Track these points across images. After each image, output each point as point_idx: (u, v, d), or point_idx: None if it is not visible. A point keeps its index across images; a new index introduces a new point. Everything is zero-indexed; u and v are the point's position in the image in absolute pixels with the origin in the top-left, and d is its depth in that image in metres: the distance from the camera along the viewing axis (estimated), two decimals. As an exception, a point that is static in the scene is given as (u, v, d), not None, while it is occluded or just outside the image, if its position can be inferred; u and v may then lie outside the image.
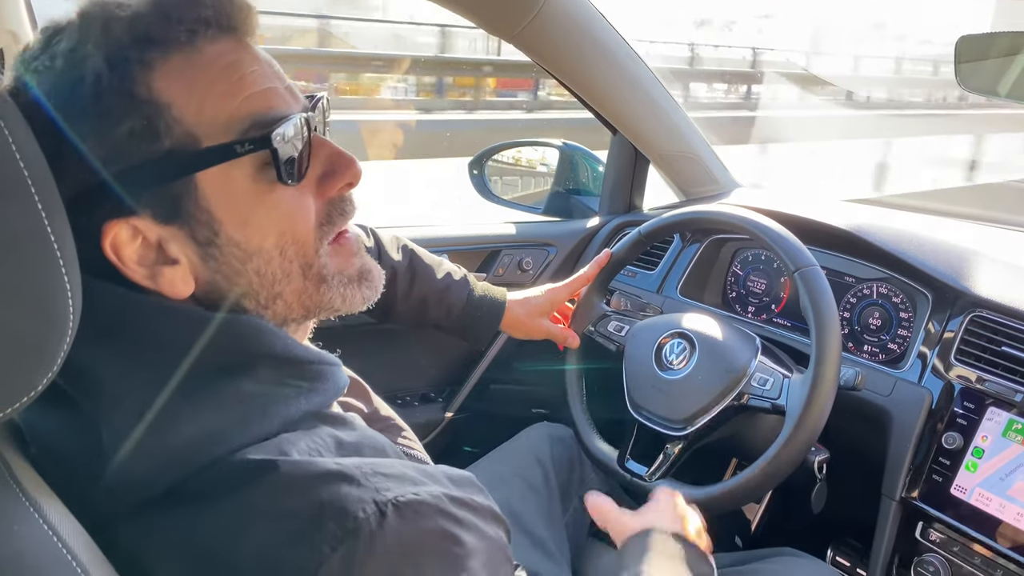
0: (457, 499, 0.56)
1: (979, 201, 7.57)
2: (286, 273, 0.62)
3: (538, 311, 1.26)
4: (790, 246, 1.09)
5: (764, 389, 1.08)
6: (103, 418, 0.54)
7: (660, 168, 1.74)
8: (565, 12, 1.37)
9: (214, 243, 0.58)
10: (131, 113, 0.55)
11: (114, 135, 0.55)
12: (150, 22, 0.56)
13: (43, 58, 0.56)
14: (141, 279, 0.57)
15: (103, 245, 0.56)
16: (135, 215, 0.56)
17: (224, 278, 0.60)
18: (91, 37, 0.55)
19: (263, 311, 0.62)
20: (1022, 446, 1.04)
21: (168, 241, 0.58)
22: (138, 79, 0.55)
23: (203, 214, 0.58)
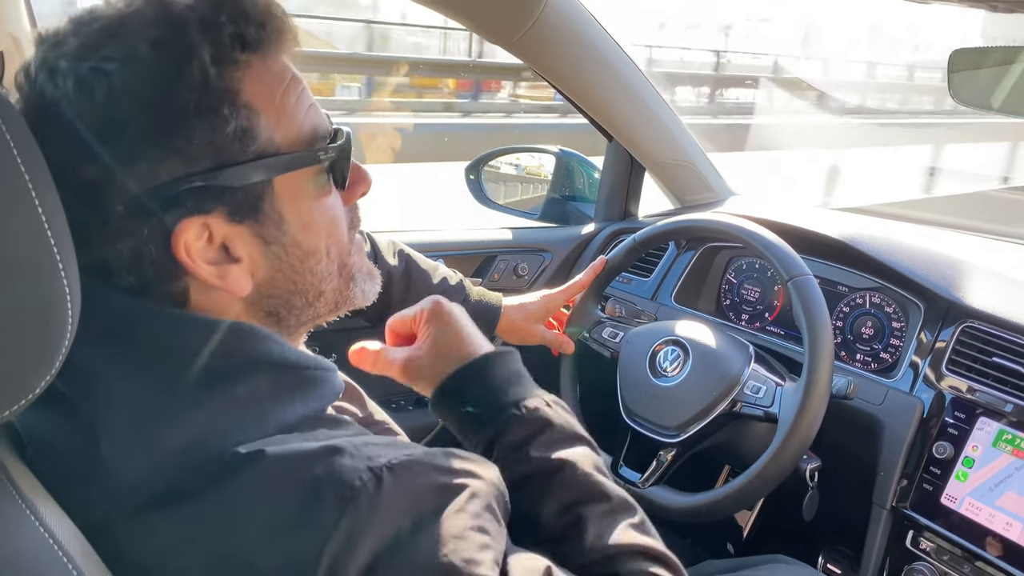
0: (448, 452, 0.58)
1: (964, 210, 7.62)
2: (329, 272, 0.66)
3: (534, 317, 1.26)
4: (784, 255, 1.10)
5: (757, 397, 1.08)
6: (101, 421, 0.54)
7: (655, 176, 1.75)
8: (562, 20, 1.38)
9: (280, 242, 0.61)
10: (235, 114, 0.56)
11: (218, 134, 0.56)
12: (245, 24, 0.57)
13: (109, 49, 0.54)
14: (209, 277, 0.58)
15: (176, 243, 0.56)
16: (210, 213, 0.57)
17: (283, 277, 0.63)
18: (186, 32, 0.55)
19: (307, 308, 0.66)
20: (1012, 456, 1.05)
21: (234, 240, 0.59)
22: (238, 80, 0.57)
23: (275, 215, 0.60)
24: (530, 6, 1.30)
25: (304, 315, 0.66)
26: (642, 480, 1.14)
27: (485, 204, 1.86)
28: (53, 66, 0.55)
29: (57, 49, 0.55)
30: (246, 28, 0.57)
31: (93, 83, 0.53)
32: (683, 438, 1.12)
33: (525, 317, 1.25)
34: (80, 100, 0.53)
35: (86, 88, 0.53)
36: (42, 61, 0.56)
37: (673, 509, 1.11)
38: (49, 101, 0.54)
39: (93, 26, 0.56)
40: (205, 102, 0.55)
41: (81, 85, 0.53)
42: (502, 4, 1.29)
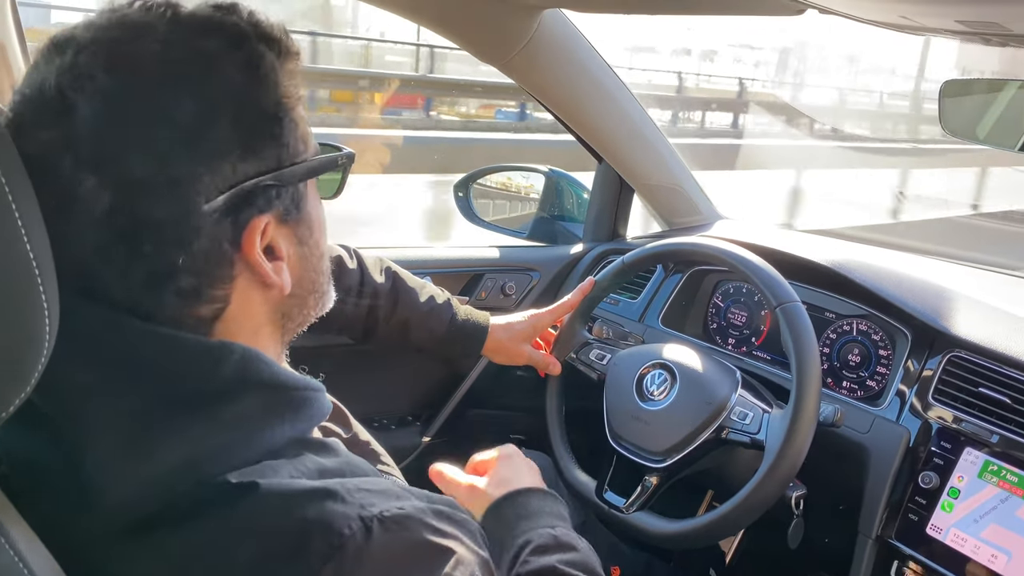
0: (441, 513, 0.57)
1: (939, 236, 7.71)
2: (326, 272, 0.70)
3: (521, 336, 1.25)
4: (773, 281, 1.09)
5: (744, 423, 1.08)
6: (86, 442, 0.53)
7: (644, 197, 1.75)
8: (555, 42, 1.38)
9: (308, 243, 0.65)
10: (297, 119, 0.60)
11: (289, 136, 0.59)
12: (285, 39, 0.61)
13: (181, 50, 0.54)
14: (271, 276, 0.60)
15: (248, 241, 0.58)
16: (270, 213, 0.59)
17: (307, 276, 0.66)
18: (249, 39, 0.57)
19: (313, 308, 0.69)
20: (997, 488, 1.05)
21: (279, 240, 0.61)
22: (293, 87, 0.60)
23: (307, 216, 0.64)
24: (523, 28, 1.31)
25: (310, 316, 0.69)
26: (627, 505, 1.13)
27: (473, 221, 1.85)
28: (112, 64, 0.53)
29: (109, 55, 0.53)
30: (286, 41, 0.60)
31: (177, 82, 0.54)
32: (669, 463, 1.11)
33: (512, 337, 1.25)
34: (169, 99, 0.53)
35: (173, 87, 0.53)
36: (111, 43, 0.54)
37: (657, 535, 1.10)
38: (119, 100, 0.53)
39: (141, 31, 0.54)
40: (283, 105, 0.58)
41: (166, 84, 0.53)
42: (495, 25, 1.29)
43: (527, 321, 1.26)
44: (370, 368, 1.55)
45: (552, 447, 1.28)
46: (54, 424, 0.54)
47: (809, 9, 0.86)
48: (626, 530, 1.14)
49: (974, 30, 0.69)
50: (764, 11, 0.92)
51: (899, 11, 0.69)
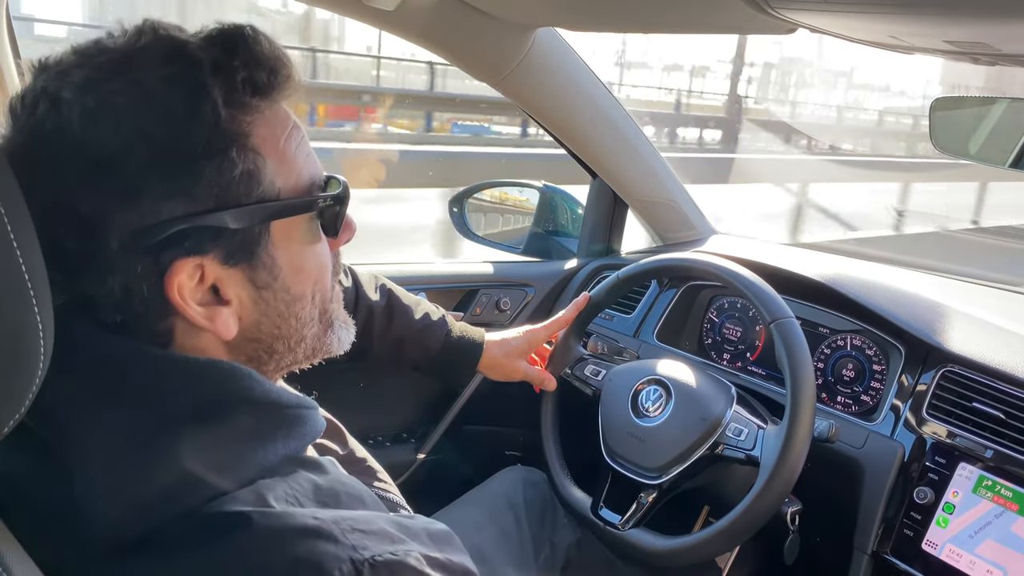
0: (434, 559, 0.55)
1: (927, 249, 7.74)
2: (311, 318, 0.66)
3: (516, 352, 1.25)
4: (767, 297, 1.10)
5: (739, 440, 1.08)
6: (76, 463, 0.52)
7: (638, 213, 1.76)
8: (548, 60, 1.39)
9: (271, 287, 0.61)
10: (242, 157, 0.56)
11: (224, 176, 0.55)
12: (257, 70, 0.58)
13: (117, 83, 0.53)
14: (201, 320, 0.57)
15: (169, 283, 0.55)
16: (206, 255, 0.56)
17: (269, 321, 0.62)
18: (199, 72, 0.54)
19: (288, 354, 0.65)
20: (992, 503, 1.05)
21: (225, 282, 0.58)
22: (248, 124, 0.57)
23: (268, 259, 0.60)
24: (517, 46, 1.32)
25: (284, 360, 0.66)
26: (622, 521, 1.13)
27: (468, 237, 1.86)
28: (56, 96, 0.54)
29: (60, 79, 0.54)
30: (257, 73, 0.57)
31: (100, 116, 0.52)
32: (664, 480, 1.11)
33: (507, 353, 1.24)
34: (85, 132, 0.52)
35: (92, 120, 0.52)
36: (42, 90, 0.54)
37: (653, 552, 1.10)
38: (49, 131, 0.53)
39: (100, 59, 0.55)
40: (215, 143, 0.55)
41: (86, 117, 0.52)
42: (490, 44, 1.30)
43: (522, 337, 1.26)
44: (365, 385, 1.54)
45: (547, 463, 1.27)
46: (45, 445, 0.54)
47: (800, 28, 0.87)
48: (622, 547, 1.14)
49: (963, 50, 0.69)
50: (755, 30, 0.93)
51: (889, 31, 0.69)
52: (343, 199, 0.65)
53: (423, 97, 12.71)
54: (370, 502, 0.62)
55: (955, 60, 0.77)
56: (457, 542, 0.62)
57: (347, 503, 0.59)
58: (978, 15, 0.59)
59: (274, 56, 0.59)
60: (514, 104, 1.48)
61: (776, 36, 0.97)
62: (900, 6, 0.61)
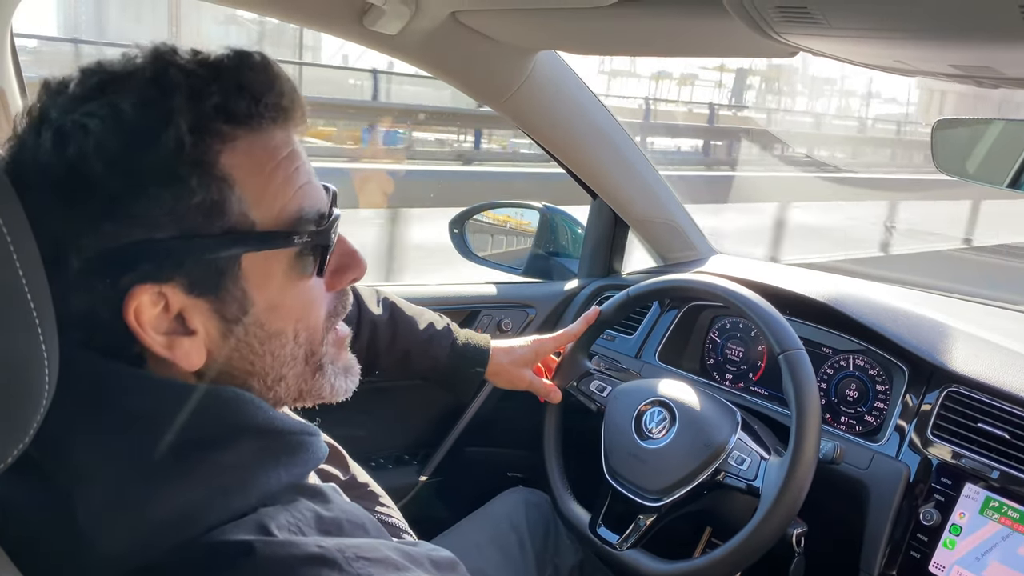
0: None
1: (927, 269, 7.75)
2: (294, 357, 0.63)
3: (522, 361, 1.25)
4: (778, 327, 1.10)
5: (741, 469, 1.07)
6: (77, 491, 0.52)
7: (639, 233, 1.76)
8: (549, 81, 1.40)
9: (240, 321, 0.58)
10: (205, 186, 0.54)
11: (182, 204, 0.54)
12: (236, 97, 0.56)
13: (94, 104, 0.53)
14: (158, 347, 0.56)
15: (126, 308, 0.54)
16: (167, 282, 0.55)
17: (240, 356, 0.60)
18: (172, 97, 0.53)
19: (266, 392, 0.62)
20: (999, 524, 1.04)
21: (191, 312, 0.57)
22: (215, 152, 0.55)
23: (239, 292, 0.58)
24: (518, 69, 1.32)
25: (264, 398, 0.62)
26: (619, 542, 1.12)
27: (469, 258, 1.86)
28: (45, 115, 0.54)
29: (54, 98, 0.55)
30: (237, 101, 0.56)
31: (70, 137, 0.52)
32: (665, 503, 1.10)
33: (513, 360, 1.24)
34: (54, 152, 0.52)
35: (62, 141, 0.52)
36: (40, 109, 0.55)
37: (651, 575, 1.09)
38: (29, 149, 0.54)
39: (92, 79, 0.55)
40: (173, 170, 0.53)
41: (59, 137, 0.53)
42: (492, 67, 1.31)
43: (530, 346, 1.25)
44: (366, 407, 1.53)
45: (548, 478, 1.26)
46: (47, 474, 0.53)
47: (801, 51, 0.88)
48: (619, 568, 1.13)
49: (967, 73, 0.70)
50: (757, 54, 0.94)
51: (894, 56, 0.70)
52: (325, 235, 0.61)
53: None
54: (373, 529, 0.61)
55: (959, 83, 0.78)
56: (462, 569, 0.61)
57: (350, 531, 0.58)
58: (984, 40, 0.59)
59: (267, 85, 0.57)
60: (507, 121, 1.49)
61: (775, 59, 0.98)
62: (906, 31, 0.61)
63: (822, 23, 0.66)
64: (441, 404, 1.64)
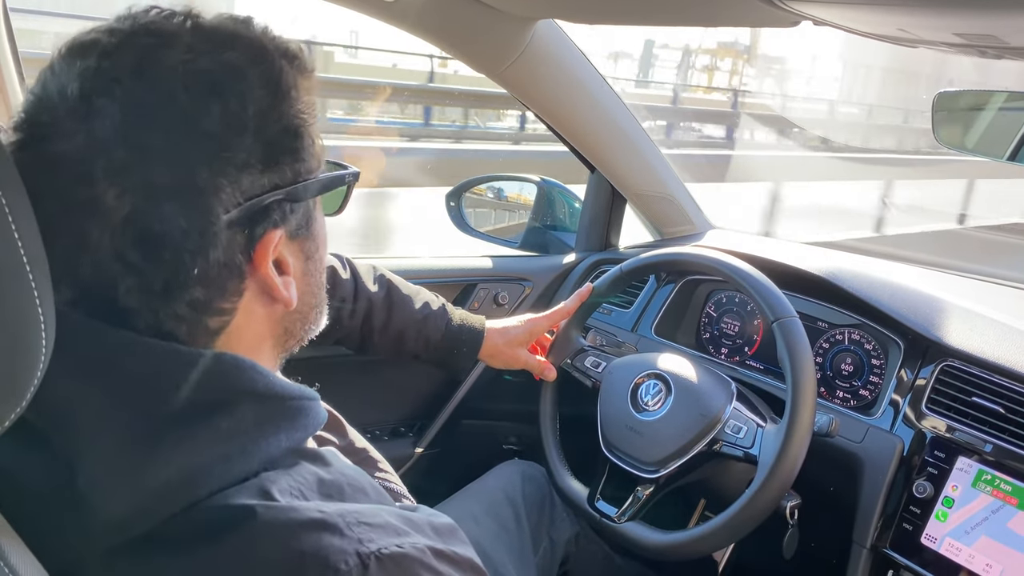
0: (440, 552, 0.55)
1: (938, 247, 7.75)
2: (324, 286, 0.70)
3: (517, 341, 1.25)
4: (771, 295, 1.10)
5: (737, 437, 1.08)
6: (79, 457, 0.51)
7: (637, 207, 1.75)
8: (548, 53, 1.39)
9: (313, 258, 0.65)
10: (309, 135, 0.60)
11: (305, 151, 0.59)
12: (300, 55, 0.60)
13: (206, 61, 0.54)
14: (280, 290, 0.60)
15: (263, 254, 0.57)
16: (282, 227, 0.59)
17: (310, 291, 0.66)
18: (269, 54, 0.57)
19: (314, 324, 0.69)
20: (991, 497, 1.05)
21: (286, 255, 0.61)
22: (308, 104, 0.60)
23: (315, 232, 0.64)
24: (517, 39, 1.31)
25: (311, 331, 0.69)
26: (618, 514, 1.13)
27: (466, 231, 1.85)
28: (141, 70, 0.52)
29: (161, 53, 0.53)
30: (301, 57, 0.60)
31: (207, 94, 0.53)
32: (662, 474, 1.11)
33: (508, 341, 1.24)
34: (195, 105, 0.52)
35: (204, 95, 0.53)
36: (143, 50, 0.53)
37: (648, 546, 1.10)
38: (147, 105, 0.52)
39: (183, 34, 0.55)
40: (300, 119, 0.58)
41: (202, 92, 0.53)
42: (490, 36, 1.29)
43: (523, 326, 1.26)
44: (363, 378, 1.54)
45: (545, 454, 1.27)
46: (47, 440, 0.53)
47: (804, 21, 0.87)
48: (618, 540, 1.14)
49: (971, 43, 0.69)
50: (760, 23, 0.93)
51: (897, 24, 0.69)
52: (358, 175, 0.70)
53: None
54: (373, 494, 0.62)
55: (961, 53, 0.77)
56: (461, 535, 0.62)
57: (351, 495, 0.59)
58: (989, 8, 0.58)
59: (297, 44, 0.62)
60: (512, 97, 1.48)
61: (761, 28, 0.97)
62: (911, -2, 0.61)
63: (826, -11, 0.65)
64: (437, 376, 1.64)
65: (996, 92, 1.19)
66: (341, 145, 8.73)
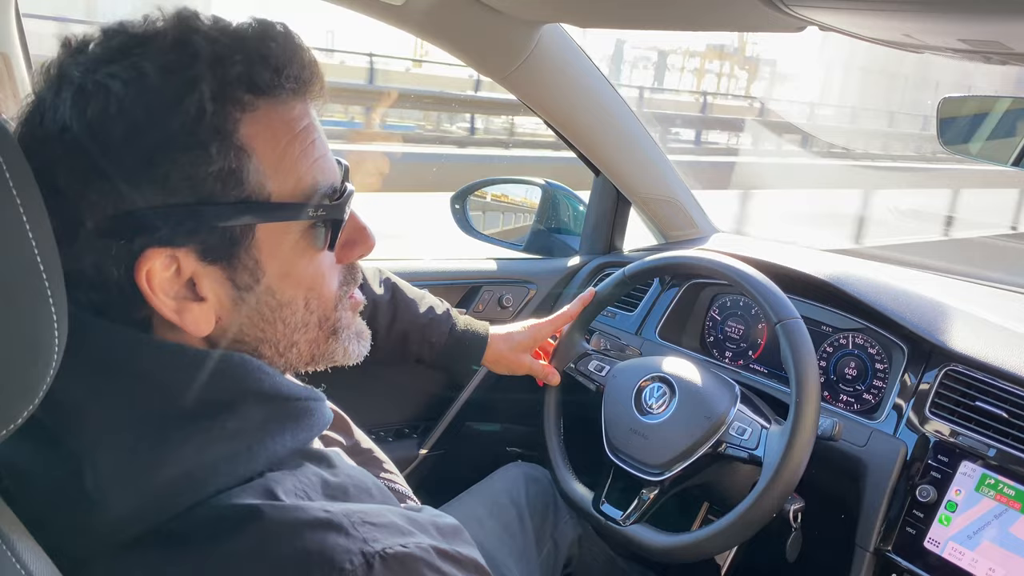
0: (444, 552, 0.55)
1: (953, 255, 7.72)
2: (305, 323, 0.64)
3: (521, 347, 1.26)
4: (774, 297, 1.10)
5: (742, 439, 1.08)
6: (86, 455, 0.52)
7: (641, 211, 1.76)
8: (554, 57, 1.39)
9: (252, 289, 0.59)
10: (224, 154, 0.55)
11: (200, 171, 0.54)
12: (258, 67, 0.56)
13: (116, 66, 0.53)
14: (168, 311, 0.56)
15: (138, 270, 0.54)
16: (180, 247, 0.55)
17: (251, 323, 0.61)
18: (196, 63, 0.54)
19: (278, 358, 0.64)
20: (994, 501, 1.05)
21: (202, 278, 0.57)
22: (235, 121, 0.55)
23: (251, 261, 0.58)
24: (523, 42, 1.32)
25: (275, 364, 0.64)
26: (623, 517, 1.13)
27: (470, 234, 1.86)
28: (65, 73, 0.54)
29: (75, 57, 0.55)
30: (259, 71, 0.56)
31: (92, 97, 0.52)
32: (667, 477, 1.11)
33: (512, 347, 1.25)
34: (74, 111, 0.53)
35: (83, 100, 0.53)
36: (59, 67, 0.55)
37: (654, 548, 1.10)
38: (47, 107, 0.54)
39: (114, 40, 0.55)
40: (194, 137, 0.54)
41: (80, 96, 0.53)
42: (496, 40, 1.30)
43: (527, 331, 1.26)
44: (367, 380, 1.53)
45: (549, 458, 1.27)
46: (56, 437, 0.54)
47: (810, 26, 0.87)
48: (622, 543, 1.14)
49: (976, 48, 0.70)
50: (766, 28, 0.93)
51: (902, 29, 0.70)
52: (339, 209, 0.62)
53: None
54: (378, 494, 0.62)
55: (966, 59, 0.77)
56: (465, 535, 0.62)
57: (355, 496, 0.59)
58: (994, 13, 0.59)
59: (289, 56, 0.58)
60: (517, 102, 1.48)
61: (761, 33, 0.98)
62: (916, 4, 0.61)
63: (832, -5, 0.66)
64: (441, 378, 1.64)
65: (1001, 98, 1.19)
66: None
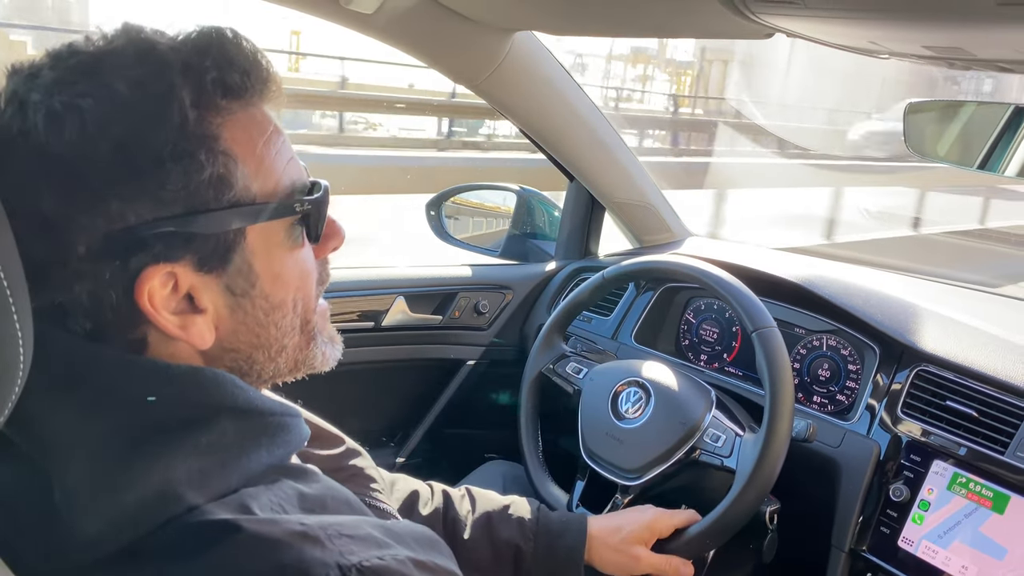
0: (421, 563, 0.55)
1: (911, 253, 7.82)
2: (292, 327, 0.64)
3: (633, 538, 1.06)
4: (751, 305, 1.11)
5: (716, 446, 1.09)
6: (55, 473, 0.51)
7: (615, 216, 1.77)
8: (526, 63, 1.39)
9: (248, 295, 0.60)
10: (212, 160, 0.55)
11: (192, 180, 0.54)
12: (229, 71, 0.56)
13: (83, 86, 0.52)
14: (173, 328, 0.56)
15: (139, 290, 0.54)
16: (178, 261, 0.55)
17: (247, 329, 0.61)
18: (168, 74, 0.53)
19: (268, 364, 0.64)
20: (966, 499, 1.07)
21: (200, 290, 0.57)
22: (218, 126, 0.56)
23: (245, 265, 0.59)
24: (495, 49, 1.32)
25: (266, 371, 0.64)
26: None
27: (446, 240, 1.85)
28: (24, 99, 0.53)
29: (30, 82, 0.54)
30: (230, 74, 0.56)
31: (65, 118, 0.51)
32: (641, 482, 1.12)
33: (623, 539, 1.06)
34: (49, 134, 0.51)
35: (57, 122, 0.51)
36: (12, 93, 0.54)
37: None
38: (15, 134, 0.52)
39: (70, 61, 0.54)
40: (182, 146, 0.53)
41: (51, 119, 0.51)
42: (468, 47, 1.30)
43: (645, 521, 1.07)
44: (342, 388, 1.53)
45: (524, 459, 1.27)
46: (24, 455, 0.53)
47: (776, 33, 0.88)
48: None
49: (940, 55, 0.71)
50: (733, 34, 0.94)
51: (868, 37, 0.71)
52: (322, 203, 0.63)
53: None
54: (356, 506, 0.61)
55: (930, 65, 0.79)
56: (442, 546, 0.62)
57: (333, 508, 0.58)
58: (957, 21, 0.60)
59: (250, 58, 0.58)
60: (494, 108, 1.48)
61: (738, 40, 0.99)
62: (881, 12, 0.62)
63: (798, 3, 0.67)
64: (418, 386, 1.64)
65: (967, 102, 1.21)
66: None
